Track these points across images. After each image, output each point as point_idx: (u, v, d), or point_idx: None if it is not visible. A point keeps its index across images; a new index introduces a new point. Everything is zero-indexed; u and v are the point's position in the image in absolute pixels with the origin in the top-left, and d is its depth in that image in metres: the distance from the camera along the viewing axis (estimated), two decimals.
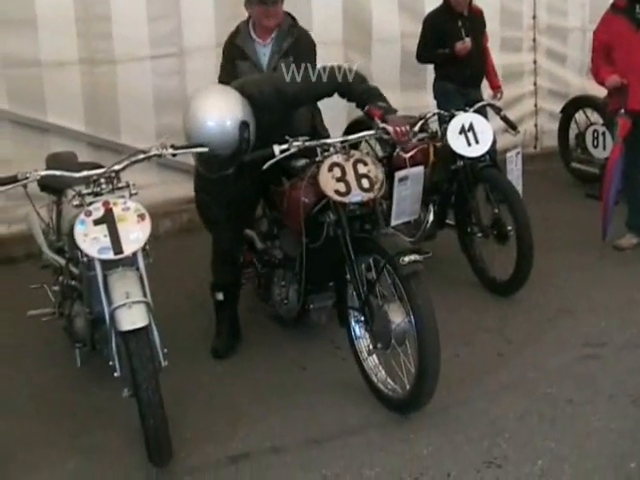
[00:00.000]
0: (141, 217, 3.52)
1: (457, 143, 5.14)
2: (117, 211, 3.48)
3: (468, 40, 6.24)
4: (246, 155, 3.89)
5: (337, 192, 3.82)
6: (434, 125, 5.44)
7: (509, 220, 5.10)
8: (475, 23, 6.42)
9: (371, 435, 3.76)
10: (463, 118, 5.20)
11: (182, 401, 3.54)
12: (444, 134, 5.21)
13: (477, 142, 5.16)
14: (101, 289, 3.47)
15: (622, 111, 5.59)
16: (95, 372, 4.24)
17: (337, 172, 3.83)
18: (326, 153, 3.95)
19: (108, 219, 3.45)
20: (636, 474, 3.39)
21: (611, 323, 4.80)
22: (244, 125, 3.86)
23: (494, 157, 5.75)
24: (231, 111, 3.85)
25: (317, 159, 3.94)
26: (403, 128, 4.00)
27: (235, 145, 3.85)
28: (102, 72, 6.49)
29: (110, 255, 3.42)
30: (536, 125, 8.71)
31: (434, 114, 5.35)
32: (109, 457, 3.67)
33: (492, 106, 5.72)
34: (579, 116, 7.83)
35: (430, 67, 6.90)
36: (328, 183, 3.83)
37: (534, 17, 8.48)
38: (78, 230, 3.43)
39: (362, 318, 3.98)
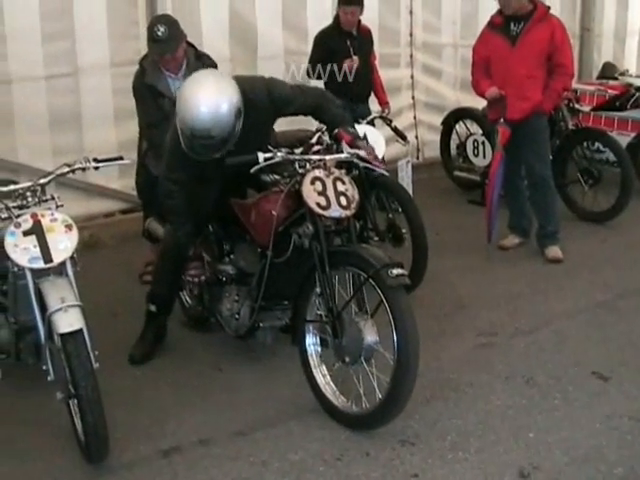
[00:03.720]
0: (68, 227, 3.71)
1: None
2: (45, 222, 3.65)
3: (356, 58, 6.54)
4: (229, 159, 3.94)
5: (318, 205, 3.87)
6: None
7: (403, 225, 5.46)
8: (363, 42, 6.74)
9: (291, 425, 4.02)
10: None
11: (108, 403, 3.68)
12: (339, 145, 5.50)
13: None
14: (32, 297, 3.62)
15: (502, 120, 5.95)
16: (18, 383, 4.34)
17: (319, 186, 3.90)
18: (303, 169, 4.02)
19: (37, 230, 3.62)
20: (534, 442, 3.79)
21: (501, 315, 5.23)
22: (238, 112, 3.90)
23: None
24: (227, 95, 3.87)
25: (300, 171, 3.99)
26: (373, 154, 4.28)
27: (228, 130, 3.89)
28: None
29: (40, 264, 3.58)
30: (417, 137, 9.06)
31: None
32: (43, 460, 3.78)
33: (383, 118, 6.09)
34: (459, 127, 8.26)
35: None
36: (311, 195, 3.89)
37: (411, 35, 8.90)
38: (8, 241, 3.57)
39: (324, 333, 4.02)
